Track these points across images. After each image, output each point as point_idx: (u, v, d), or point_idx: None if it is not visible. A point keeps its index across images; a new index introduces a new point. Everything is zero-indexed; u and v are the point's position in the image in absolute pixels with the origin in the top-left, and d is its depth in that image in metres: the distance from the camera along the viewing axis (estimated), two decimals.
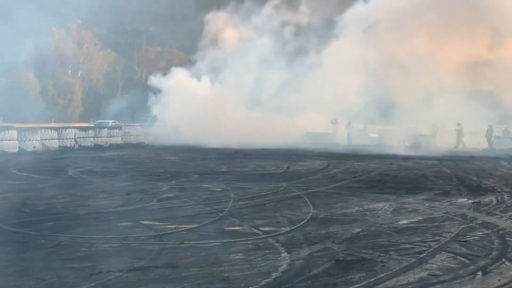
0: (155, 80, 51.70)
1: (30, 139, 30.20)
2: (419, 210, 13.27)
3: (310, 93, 45.98)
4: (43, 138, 31.31)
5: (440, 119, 40.84)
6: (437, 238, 10.24)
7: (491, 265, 8.45)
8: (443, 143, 39.77)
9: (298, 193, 15.84)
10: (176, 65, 55.20)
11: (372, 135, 43.76)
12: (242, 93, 46.77)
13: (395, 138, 41.36)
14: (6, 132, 29.24)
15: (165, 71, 54.01)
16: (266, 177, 19.80)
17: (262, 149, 34.06)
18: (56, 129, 34.09)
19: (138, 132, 41.64)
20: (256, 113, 44.65)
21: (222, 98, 46.15)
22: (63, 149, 31.50)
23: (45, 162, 24.54)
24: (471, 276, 7.90)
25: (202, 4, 60.10)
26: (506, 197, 15.49)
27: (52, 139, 32.05)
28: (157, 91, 50.50)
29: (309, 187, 17.27)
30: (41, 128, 33.39)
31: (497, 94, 43.40)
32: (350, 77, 46.84)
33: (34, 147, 30.18)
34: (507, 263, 8.60)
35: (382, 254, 8.98)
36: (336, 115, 45.15)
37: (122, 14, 64.23)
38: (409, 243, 9.79)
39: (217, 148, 34.38)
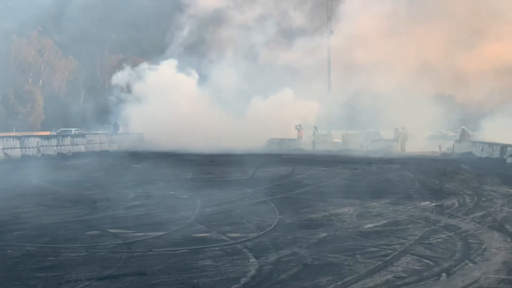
0: (125, 77, 50.15)
1: None
2: (384, 214, 13.48)
3: (276, 96, 46.26)
4: (5, 147, 30.81)
5: (403, 124, 41.39)
6: (402, 241, 10.43)
7: (454, 266, 8.65)
8: (406, 147, 40.34)
9: (265, 199, 15.94)
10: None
11: (335, 140, 44.13)
12: (213, 93, 46.47)
13: (358, 143, 41.81)
14: None
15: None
16: (232, 184, 19.84)
17: (227, 155, 34.05)
18: (18, 138, 33.59)
19: (102, 140, 41.26)
20: (223, 116, 44.54)
21: (203, 99, 45.60)
22: (25, 158, 31.02)
23: (8, 172, 24.18)
24: (436, 278, 8.08)
25: (165, 13, 59.85)
26: (467, 199, 15.82)
27: (14, 148, 31.55)
28: (127, 91, 49.34)
29: (275, 192, 17.38)
30: (3, 137, 32.90)
31: (457, 98, 44.22)
32: (314, 82, 47.31)
33: None
34: (470, 264, 8.80)
35: (348, 258, 9.12)
36: (300, 120, 45.39)
37: (84, 21, 63.65)
38: (374, 247, 9.95)
39: (182, 155, 34.28)
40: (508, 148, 26.03)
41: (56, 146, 35.37)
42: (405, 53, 44.10)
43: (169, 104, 44.16)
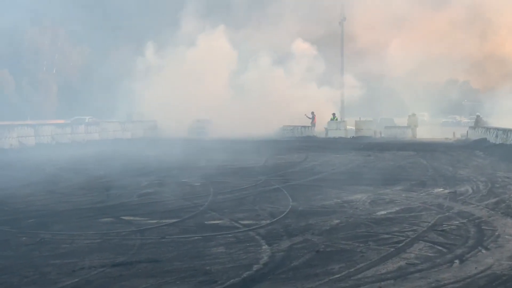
0: (141, 63, 49.79)
1: (6, 137, 29.91)
2: (397, 200, 13.44)
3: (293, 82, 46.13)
4: (20, 135, 31.01)
5: (414, 110, 41.30)
6: (415, 227, 10.40)
7: (467, 253, 8.62)
8: (419, 133, 40.20)
9: (277, 186, 15.95)
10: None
11: (349, 127, 43.99)
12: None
13: (371, 130, 41.69)
14: None
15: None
16: (245, 171, 19.88)
17: (240, 142, 34.03)
18: (33, 126, 33.79)
19: (116, 128, 41.41)
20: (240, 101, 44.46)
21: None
22: (40, 146, 31.19)
23: (22, 160, 24.35)
24: (449, 264, 8.06)
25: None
26: (481, 186, 15.73)
27: (28, 136, 31.74)
28: (142, 77, 49.06)
29: (288, 180, 17.38)
30: (17, 125, 33.11)
31: (472, 84, 43.96)
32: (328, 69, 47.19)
33: (11, 144, 29.90)
34: (483, 251, 8.77)
35: (361, 245, 9.11)
36: (313, 108, 45.29)
37: (96, 9, 63.76)
38: (387, 233, 9.94)
39: (195, 142, 34.29)
40: None
41: (70, 134, 35.56)
42: (419, 39, 43.86)
43: (189, 87, 43.89)
